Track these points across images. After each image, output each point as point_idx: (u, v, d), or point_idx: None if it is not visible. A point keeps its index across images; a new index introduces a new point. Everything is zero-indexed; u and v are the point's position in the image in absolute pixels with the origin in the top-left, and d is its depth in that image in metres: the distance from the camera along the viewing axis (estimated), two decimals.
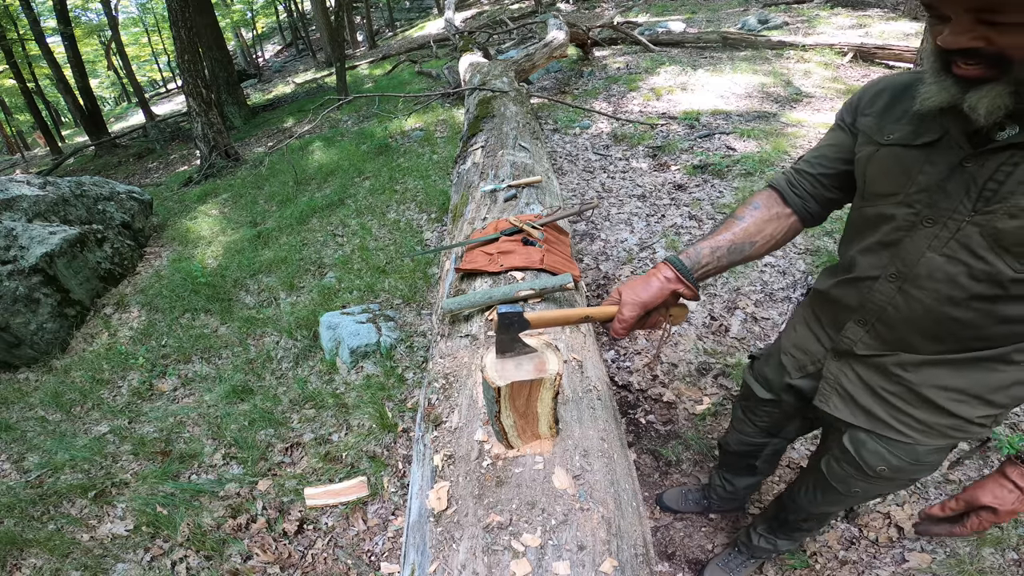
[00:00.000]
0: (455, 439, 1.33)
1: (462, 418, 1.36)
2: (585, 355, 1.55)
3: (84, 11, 20.00)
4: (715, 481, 1.79)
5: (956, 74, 0.75)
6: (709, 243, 1.10)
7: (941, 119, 0.84)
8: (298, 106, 10.59)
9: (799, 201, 1.12)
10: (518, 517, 1.14)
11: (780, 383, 1.27)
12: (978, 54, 0.70)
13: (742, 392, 1.45)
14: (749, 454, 1.54)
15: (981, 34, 0.68)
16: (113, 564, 2.04)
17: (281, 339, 3.26)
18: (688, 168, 4.28)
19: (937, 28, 0.74)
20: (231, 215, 5.43)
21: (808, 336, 1.17)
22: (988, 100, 0.72)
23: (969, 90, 0.74)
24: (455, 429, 1.35)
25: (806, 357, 1.17)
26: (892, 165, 0.90)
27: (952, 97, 0.76)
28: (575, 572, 1.01)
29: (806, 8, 9.60)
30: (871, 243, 0.96)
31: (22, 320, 3.41)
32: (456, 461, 1.30)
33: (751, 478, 1.67)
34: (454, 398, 1.44)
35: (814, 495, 1.28)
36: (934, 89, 0.78)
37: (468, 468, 1.26)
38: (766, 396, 1.32)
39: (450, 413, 1.40)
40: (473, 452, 1.28)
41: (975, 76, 0.73)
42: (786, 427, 1.38)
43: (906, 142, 0.89)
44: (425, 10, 23.11)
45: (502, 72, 5.19)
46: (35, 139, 22.55)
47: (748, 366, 1.42)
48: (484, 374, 1.08)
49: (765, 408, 1.36)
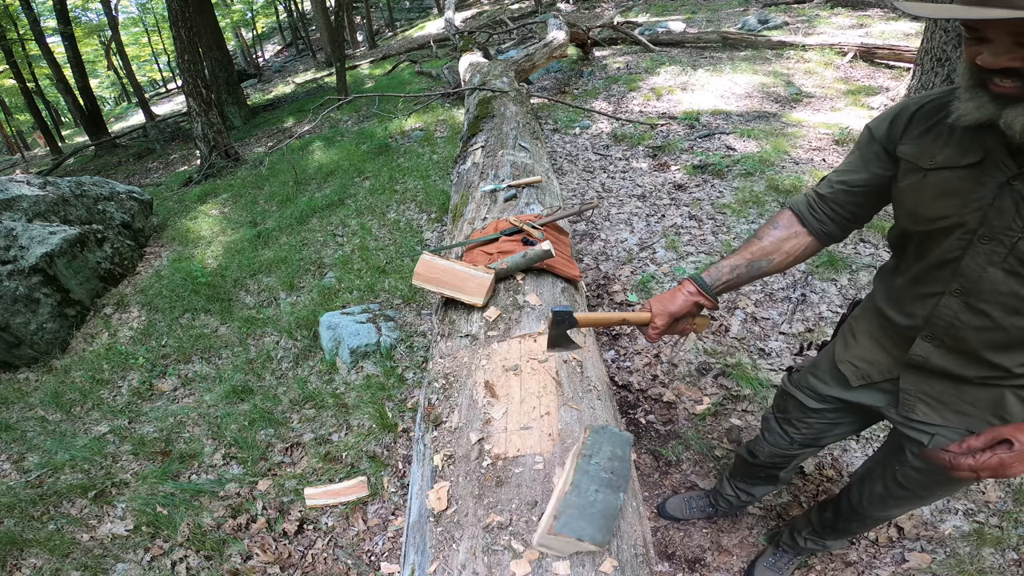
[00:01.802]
0: (455, 439, 1.33)
1: (462, 418, 1.36)
2: (585, 355, 1.55)
3: (84, 11, 19.99)
4: (727, 490, 1.77)
5: (992, 91, 0.78)
6: (729, 262, 1.20)
7: (980, 137, 0.85)
8: (298, 106, 10.59)
9: (818, 224, 1.16)
10: (518, 517, 1.14)
11: (829, 392, 1.27)
12: (1016, 73, 0.74)
13: (778, 404, 1.45)
14: (778, 465, 1.54)
15: (1020, 55, 0.72)
16: (113, 564, 2.04)
17: (281, 339, 3.26)
18: (688, 168, 4.28)
19: (974, 48, 0.77)
20: (231, 215, 5.43)
21: (873, 347, 1.17)
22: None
23: (1006, 107, 0.77)
24: (455, 429, 1.35)
25: (872, 367, 1.17)
26: (942, 188, 0.92)
27: (989, 114, 0.79)
28: (575, 572, 1.01)
29: (806, 8, 9.60)
30: (931, 261, 0.97)
31: (22, 320, 3.41)
32: (456, 461, 1.30)
33: (770, 487, 1.67)
34: (454, 398, 1.44)
35: (883, 503, 1.30)
36: (971, 106, 0.81)
37: (468, 468, 1.26)
38: (815, 406, 1.32)
39: (450, 413, 1.40)
40: (473, 452, 1.27)
41: (1012, 93, 0.76)
42: (826, 436, 1.38)
43: (952, 164, 0.90)
44: (425, 10, 23.12)
45: (502, 72, 5.19)
46: (35, 139, 22.56)
47: (786, 379, 1.41)
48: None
49: (810, 419, 1.35)
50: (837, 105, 5.25)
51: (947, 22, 4.15)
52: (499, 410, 1.34)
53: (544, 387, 1.38)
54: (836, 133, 4.56)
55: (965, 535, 1.76)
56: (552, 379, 1.40)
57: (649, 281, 3.02)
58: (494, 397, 1.38)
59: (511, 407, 1.34)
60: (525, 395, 1.36)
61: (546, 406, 1.33)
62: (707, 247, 3.29)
